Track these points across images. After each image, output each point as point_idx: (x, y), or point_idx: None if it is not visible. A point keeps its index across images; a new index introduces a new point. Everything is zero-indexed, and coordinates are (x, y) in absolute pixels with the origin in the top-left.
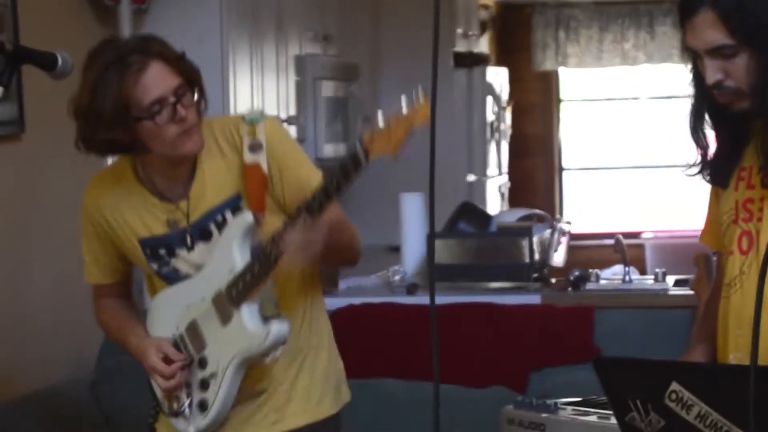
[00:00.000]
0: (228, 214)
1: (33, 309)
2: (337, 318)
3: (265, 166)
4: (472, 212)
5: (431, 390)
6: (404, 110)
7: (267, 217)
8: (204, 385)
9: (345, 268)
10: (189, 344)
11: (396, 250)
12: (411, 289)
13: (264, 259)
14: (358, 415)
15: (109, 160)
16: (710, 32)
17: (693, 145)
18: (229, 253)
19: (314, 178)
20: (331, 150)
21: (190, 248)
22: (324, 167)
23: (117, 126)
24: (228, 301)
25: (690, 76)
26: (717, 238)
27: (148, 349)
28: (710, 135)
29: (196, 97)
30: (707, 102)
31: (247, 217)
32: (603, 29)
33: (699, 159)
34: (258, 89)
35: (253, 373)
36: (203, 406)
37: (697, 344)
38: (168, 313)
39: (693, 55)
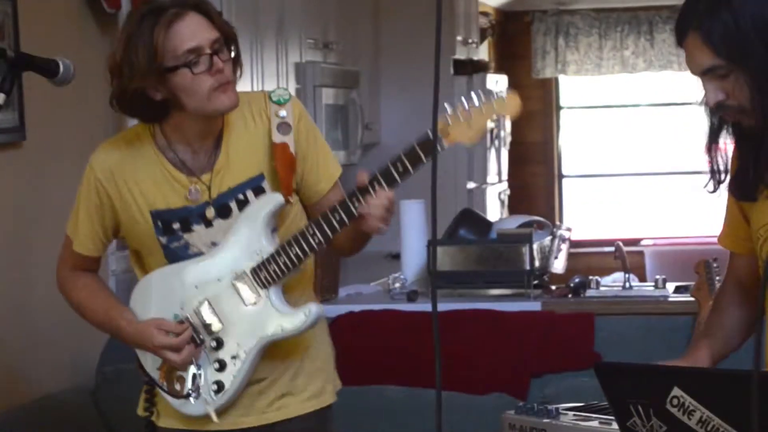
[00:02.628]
0: (250, 194)
1: (34, 317)
2: (338, 325)
3: (293, 148)
4: (472, 219)
5: (432, 397)
6: (488, 102)
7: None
8: (221, 366)
9: (351, 255)
10: (199, 325)
11: (396, 257)
12: (411, 296)
13: (290, 251)
14: (359, 422)
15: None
16: (699, 55)
17: (708, 161)
18: (255, 234)
19: (334, 168)
20: None
21: (209, 224)
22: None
23: (149, 75)
24: (255, 282)
25: (702, 96)
26: (733, 240)
27: (147, 330)
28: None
29: (233, 54)
30: (718, 117)
31: (276, 198)
32: (603, 37)
33: (720, 175)
34: None
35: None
36: (219, 388)
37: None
38: (168, 293)
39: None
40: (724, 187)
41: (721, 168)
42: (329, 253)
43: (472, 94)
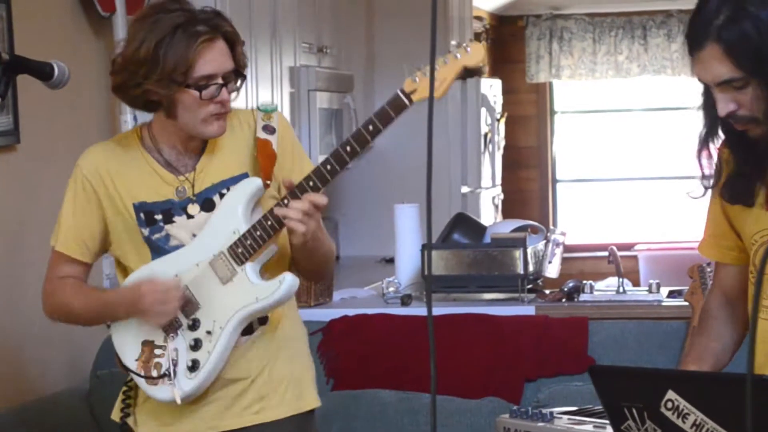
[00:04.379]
0: (238, 184)
1: (27, 320)
2: (332, 329)
3: (275, 146)
4: (466, 223)
5: (425, 401)
6: (452, 56)
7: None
8: (196, 345)
9: (317, 280)
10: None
11: (390, 261)
12: (405, 301)
13: (266, 223)
14: (353, 426)
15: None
16: (718, 66)
17: (698, 167)
18: (233, 215)
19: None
20: None
21: (190, 216)
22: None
23: (168, 83)
24: (231, 259)
25: (700, 102)
26: (718, 250)
27: (140, 290)
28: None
29: (239, 86)
30: (723, 126)
31: (255, 180)
32: (596, 41)
33: (710, 180)
34: (252, 100)
35: (231, 359)
36: (194, 366)
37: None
38: None
39: (704, 85)
40: (706, 196)
41: (710, 173)
42: None
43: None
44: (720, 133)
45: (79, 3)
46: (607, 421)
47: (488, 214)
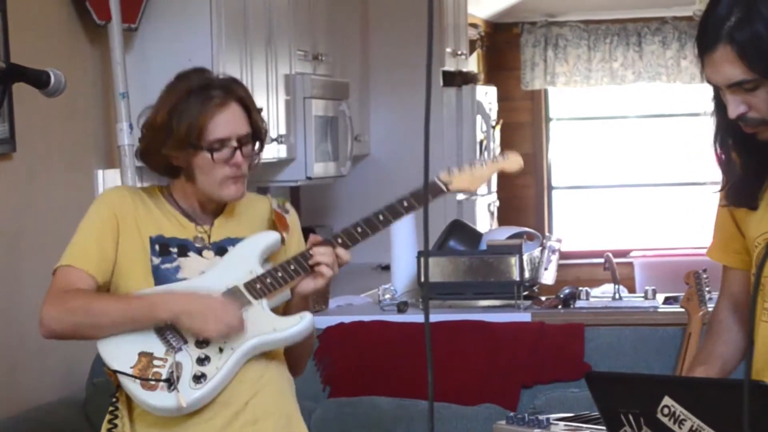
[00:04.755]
0: (257, 234)
1: (24, 328)
2: (328, 336)
3: (289, 222)
4: (462, 230)
5: (422, 407)
6: (491, 160)
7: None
8: (205, 360)
9: (296, 370)
10: (182, 329)
11: (386, 268)
12: (401, 308)
13: (289, 267)
14: None
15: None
16: (729, 68)
17: (717, 168)
18: (250, 257)
19: None
20: (320, 169)
21: (204, 257)
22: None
23: (183, 147)
24: (247, 293)
25: (712, 105)
26: (726, 253)
27: (200, 295)
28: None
29: (255, 150)
30: (731, 128)
31: (273, 234)
32: (591, 48)
33: (724, 182)
34: None
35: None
36: (200, 378)
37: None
38: None
39: (714, 86)
40: (714, 199)
41: (725, 175)
42: None
43: (474, 160)
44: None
45: (75, 11)
46: (604, 428)
47: (484, 221)
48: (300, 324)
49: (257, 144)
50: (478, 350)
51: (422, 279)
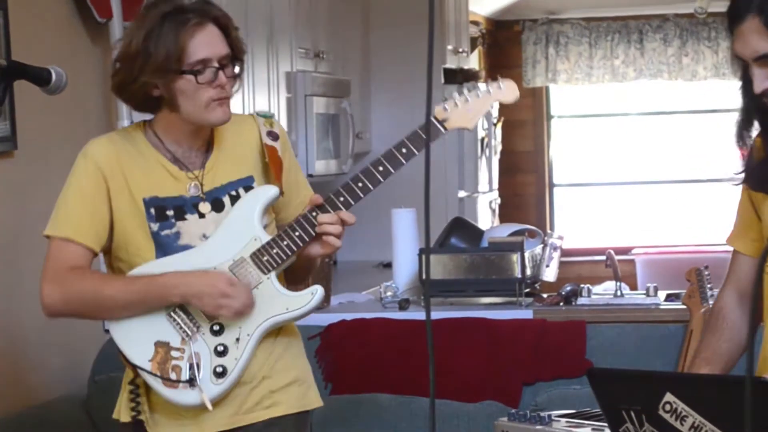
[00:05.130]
0: (242, 191)
1: (25, 326)
2: (330, 333)
3: (280, 153)
4: (463, 227)
5: (424, 404)
6: (485, 90)
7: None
8: (224, 351)
9: (298, 284)
10: (193, 314)
11: (388, 266)
12: (403, 305)
13: (293, 234)
14: (351, 430)
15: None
16: (756, 40)
17: (737, 152)
18: (250, 222)
19: (306, 188)
20: (322, 166)
21: (202, 215)
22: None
23: (163, 73)
24: (256, 266)
25: (739, 83)
26: (743, 241)
27: (211, 275)
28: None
29: (237, 71)
30: (757, 108)
31: (272, 188)
32: (593, 46)
33: (744, 166)
34: (249, 105)
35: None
36: (222, 373)
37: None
38: None
39: (742, 63)
40: (736, 190)
41: (744, 160)
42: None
43: (469, 87)
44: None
45: (76, 9)
46: (606, 424)
47: (485, 218)
48: (312, 301)
49: (237, 65)
50: (480, 347)
51: (424, 276)
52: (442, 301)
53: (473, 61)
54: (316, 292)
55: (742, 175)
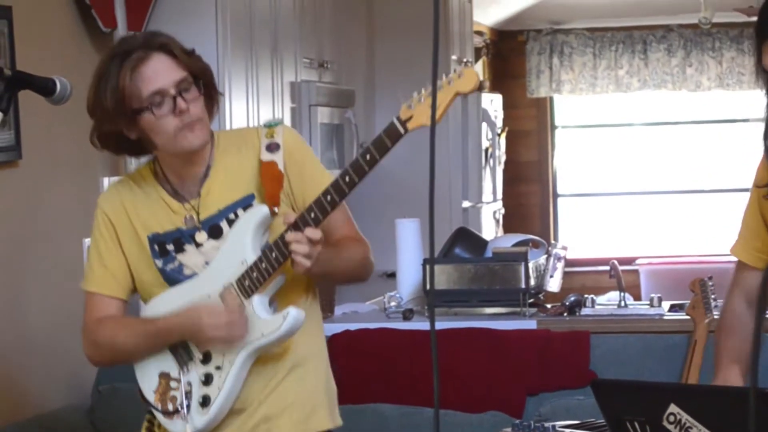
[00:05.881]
0: (240, 212)
1: (30, 335)
2: (334, 343)
3: (281, 165)
4: (467, 238)
5: (427, 415)
6: (446, 81)
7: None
8: (207, 380)
9: (350, 282)
10: (189, 344)
11: (392, 276)
12: (407, 315)
13: (270, 255)
14: None
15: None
16: None
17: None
18: (241, 245)
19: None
20: None
21: (199, 245)
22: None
23: (119, 118)
24: (240, 292)
25: (765, 98)
26: (747, 251)
27: (198, 312)
28: None
29: (201, 92)
30: None
31: (262, 209)
32: (597, 56)
33: None
34: (253, 115)
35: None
36: (205, 402)
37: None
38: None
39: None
40: (741, 199)
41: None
42: None
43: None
44: None
45: (81, 18)
46: None
47: (489, 228)
48: (284, 325)
49: (201, 84)
50: (484, 358)
51: (428, 286)
52: (446, 311)
53: (478, 72)
54: (287, 315)
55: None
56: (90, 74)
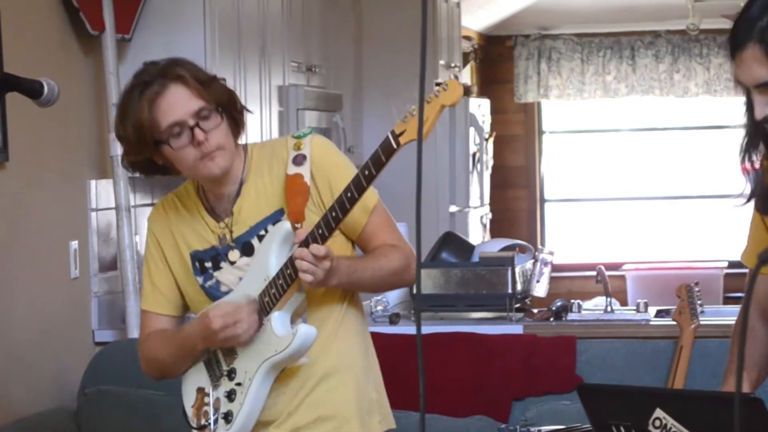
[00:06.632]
0: (270, 228)
1: (15, 337)
2: None
3: (307, 177)
4: (454, 242)
5: (413, 420)
6: (432, 95)
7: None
8: (230, 395)
9: (385, 290)
10: (221, 358)
11: None
12: (393, 319)
13: (285, 271)
14: None
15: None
16: (757, 68)
17: (743, 176)
18: (265, 261)
19: (368, 198)
20: None
21: (233, 263)
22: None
23: (143, 148)
24: (260, 308)
25: (744, 109)
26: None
27: (207, 316)
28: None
29: (223, 119)
30: (761, 132)
31: (284, 225)
32: (585, 61)
33: (749, 189)
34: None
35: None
36: (228, 418)
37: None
38: None
39: (746, 87)
40: (728, 205)
41: (752, 184)
42: None
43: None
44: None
45: (69, 21)
46: None
47: (476, 233)
48: (294, 342)
49: (222, 112)
50: (470, 362)
51: (414, 291)
52: (433, 316)
53: (466, 76)
54: (297, 332)
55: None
56: (77, 76)
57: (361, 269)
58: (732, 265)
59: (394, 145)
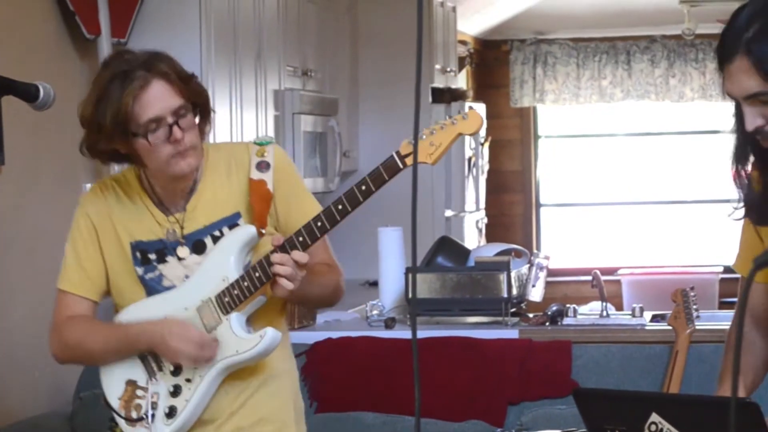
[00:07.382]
0: (225, 230)
1: (11, 341)
2: (315, 351)
3: (270, 185)
4: (450, 247)
5: (409, 423)
6: (449, 122)
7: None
8: (176, 391)
9: (320, 307)
10: (160, 354)
11: (374, 284)
12: (389, 324)
13: (254, 274)
14: None
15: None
16: (745, 79)
17: (733, 186)
18: (224, 262)
19: (317, 209)
20: (309, 184)
21: (181, 258)
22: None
23: (116, 138)
24: (218, 307)
25: (733, 120)
26: (748, 266)
27: (171, 328)
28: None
29: (198, 119)
30: (751, 143)
31: (250, 229)
32: (580, 66)
33: (742, 200)
34: (237, 123)
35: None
36: (171, 413)
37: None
38: None
39: (735, 99)
40: (724, 210)
41: (743, 194)
42: None
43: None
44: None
45: (65, 25)
46: None
47: (472, 237)
48: (260, 344)
49: (198, 112)
50: (465, 367)
51: (410, 295)
52: (428, 320)
53: (461, 81)
54: (265, 334)
55: (741, 209)
56: (72, 80)
57: (314, 284)
58: (727, 270)
59: (400, 166)
